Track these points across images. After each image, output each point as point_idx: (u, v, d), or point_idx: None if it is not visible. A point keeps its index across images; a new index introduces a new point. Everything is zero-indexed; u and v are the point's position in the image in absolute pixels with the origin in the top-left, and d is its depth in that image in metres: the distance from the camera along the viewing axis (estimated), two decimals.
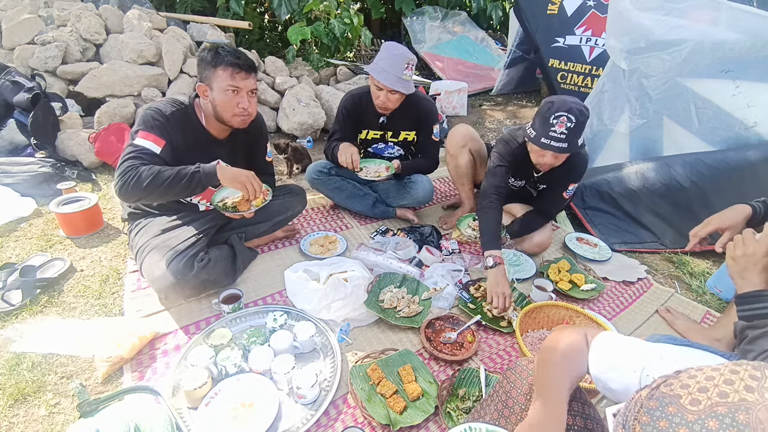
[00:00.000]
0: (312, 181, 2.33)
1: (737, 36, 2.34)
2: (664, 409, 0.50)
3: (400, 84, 1.99)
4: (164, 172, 1.45)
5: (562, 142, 1.70)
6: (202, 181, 1.48)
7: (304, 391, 1.27)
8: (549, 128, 1.70)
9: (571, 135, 1.69)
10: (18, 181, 2.30)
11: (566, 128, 1.67)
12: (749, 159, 2.40)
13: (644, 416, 0.51)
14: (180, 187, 1.47)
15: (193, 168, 1.48)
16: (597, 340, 0.84)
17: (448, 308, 1.78)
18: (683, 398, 0.49)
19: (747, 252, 1.18)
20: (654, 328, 1.78)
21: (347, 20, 4.40)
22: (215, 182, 1.50)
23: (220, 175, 1.49)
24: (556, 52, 4.28)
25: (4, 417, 1.23)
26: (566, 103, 1.69)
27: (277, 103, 3.71)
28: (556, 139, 1.70)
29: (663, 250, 2.35)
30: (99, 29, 3.49)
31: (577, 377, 0.83)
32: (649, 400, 0.52)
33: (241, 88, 1.58)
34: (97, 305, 1.66)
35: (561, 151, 1.73)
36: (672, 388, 0.51)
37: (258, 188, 1.55)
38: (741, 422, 0.44)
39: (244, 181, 1.52)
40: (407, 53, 1.99)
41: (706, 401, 0.47)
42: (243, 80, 1.58)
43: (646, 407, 0.52)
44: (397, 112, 2.19)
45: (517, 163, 1.98)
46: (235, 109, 1.60)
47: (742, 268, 1.19)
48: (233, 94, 1.57)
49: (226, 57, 1.54)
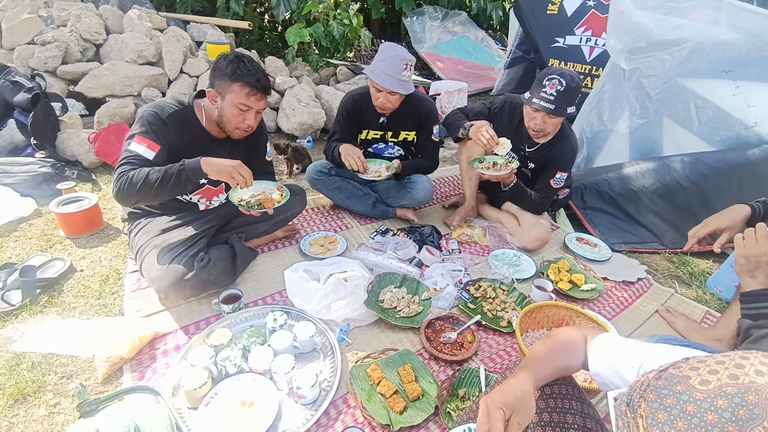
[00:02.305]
0: (312, 181, 2.33)
1: (737, 36, 2.34)
2: (672, 388, 0.50)
3: (399, 85, 1.99)
4: (152, 173, 1.45)
5: (550, 104, 1.86)
6: (189, 177, 1.47)
7: (304, 391, 1.27)
8: (540, 89, 1.88)
9: (559, 98, 1.85)
10: (18, 181, 2.30)
11: (556, 90, 1.84)
12: (749, 159, 2.40)
13: (651, 394, 0.51)
14: (170, 186, 1.46)
15: (177, 166, 1.47)
16: (597, 339, 0.85)
17: (448, 308, 1.78)
18: (692, 379, 0.49)
19: (760, 250, 1.16)
20: (654, 328, 1.78)
21: (346, 21, 4.40)
22: (202, 176, 1.48)
23: (205, 168, 1.47)
24: (556, 52, 4.28)
25: (4, 417, 1.23)
26: (560, 69, 1.89)
27: (277, 103, 3.71)
28: (545, 99, 1.87)
29: (663, 250, 2.35)
30: (99, 29, 3.49)
31: (564, 368, 0.85)
32: (656, 380, 0.53)
33: (252, 108, 1.59)
34: (97, 305, 1.66)
35: (548, 111, 1.88)
36: (681, 370, 0.52)
37: (247, 176, 1.50)
38: (750, 402, 0.44)
39: (230, 171, 1.48)
40: (405, 54, 1.99)
41: (716, 382, 0.47)
42: (256, 102, 1.58)
43: (653, 386, 0.52)
44: (397, 113, 2.19)
45: (512, 129, 2.13)
46: (240, 124, 1.61)
47: (753, 266, 1.17)
48: (243, 111, 1.58)
49: (246, 76, 1.52)
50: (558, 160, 2.12)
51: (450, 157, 3.61)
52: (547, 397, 0.89)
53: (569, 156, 2.13)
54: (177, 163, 1.48)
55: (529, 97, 1.94)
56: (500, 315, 1.73)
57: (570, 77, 1.85)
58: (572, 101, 1.90)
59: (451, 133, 2.26)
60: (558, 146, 2.11)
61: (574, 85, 1.86)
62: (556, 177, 2.14)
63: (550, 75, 1.87)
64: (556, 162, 2.12)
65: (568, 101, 1.88)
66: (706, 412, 0.45)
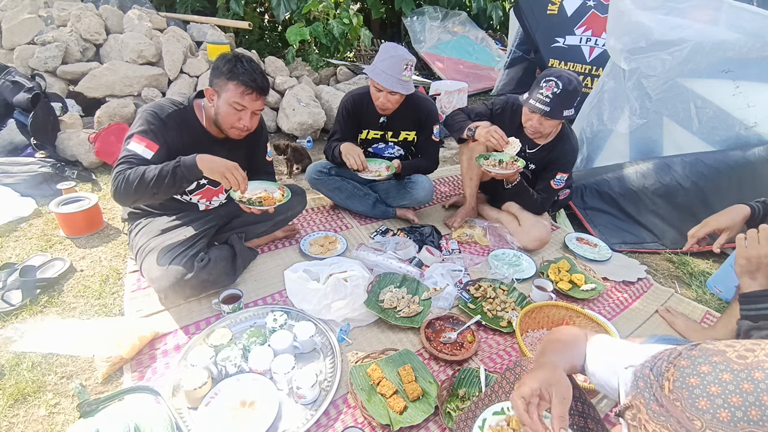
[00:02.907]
0: (312, 181, 2.33)
1: (737, 36, 2.34)
2: (708, 358, 0.50)
3: (400, 85, 1.99)
4: (149, 171, 1.44)
5: (546, 105, 1.86)
6: (185, 174, 1.46)
7: (304, 391, 1.27)
8: (537, 91, 1.89)
9: (555, 100, 1.84)
10: (18, 181, 2.30)
11: (552, 93, 1.84)
12: (749, 159, 2.40)
13: (684, 361, 0.51)
14: (166, 184, 1.45)
15: (173, 163, 1.45)
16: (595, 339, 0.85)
17: (448, 308, 1.78)
18: (729, 353, 0.50)
19: (762, 252, 1.15)
20: (654, 328, 1.78)
21: (346, 21, 4.40)
22: (198, 174, 1.47)
23: (201, 165, 1.46)
24: (556, 52, 4.28)
25: (4, 417, 1.23)
26: (559, 71, 1.87)
27: (277, 103, 3.71)
28: (541, 101, 1.87)
29: (663, 250, 2.35)
30: (99, 29, 3.49)
31: (570, 364, 0.85)
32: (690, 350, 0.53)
33: (247, 108, 1.58)
34: (97, 305, 1.66)
35: (542, 113, 1.88)
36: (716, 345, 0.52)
37: (240, 179, 1.49)
38: None
39: (224, 172, 1.47)
40: (406, 54, 1.99)
41: (753, 358, 0.48)
42: (251, 101, 1.57)
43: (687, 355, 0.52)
44: (398, 112, 2.19)
45: (514, 130, 2.13)
46: (235, 123, 1.60)
47: (754, 267, 1.16)
48: (238, 110, 1.57)
49: (242, 75, 1.52)
50: (559, 161, 2.13)
51: (450, 157, 3.61)
52: None
53: (570, 157, 2.14)
54: (173, 161, 1.47)
55: (527, 98, 1.95)
56: (500, 315, 1.73)
57: (568, 80, 1.84)
58: (569, 104, 1.89)
59: (454, 133, 2.25)
60: (559, 147, 2.12)
61: (572, 89, 1.84)
62: (557, 178, 2.15)
63: (548, 77, 1.87)
64: (556, 163, 2.13)
65: (565, 104, 1.88)
66: (742, 381, 0.46)
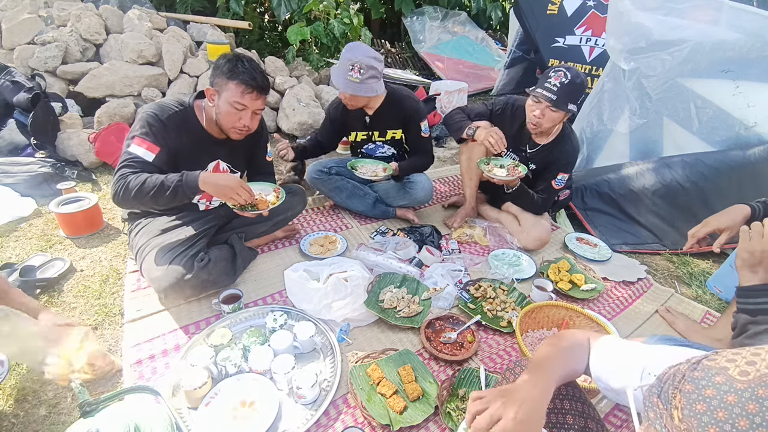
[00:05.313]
0: (312, 180, 2.33)
1: (737, 36, 2.34)
2: (710, 379, 0.49)
3: (347, 85, 2.00)
4: (149, 182, 1.43)
5: (552, 93, 1.89)
6: (186, 193, 1.45)
7: (304, 391, 1.27)
8: (546, 80, 1.92)
9: (562, 89, 1.88)
10: (18, 181, 2.30)
11: (560, 82, 1.88)
12: (749, 159, 2.40)
13: (688, 385, 0.51)
14: (166, 198, 1.44)
15: (176, 180, 1.44)
16: (599, 342, 0.84)
17: (448, 308, 1.78)
18: (731, 370, 0.49)
19: (766, 246, 1.15)
20: (654, 329, 1.78)
21: (347, 20, 4.41)
22: (199, 193, 1.46)
23: (203, 187, 1.44)
24: (556, 52, 4.28)
25: (4, 417, 1.22)
26: (568, 66, 1.93)
27: (277, 103, 3.71)
28: (548, 89, 1.90)
29: (664, 251, 2.35)
30: (99, 29, 3.49)
31: (571, 372, 0.84)
32: (692, 371, 0.52)
33: (248, 107, 1.58)
34: (97, 305, 1.66)
35: (548, 101, 1.91)
36: (717, 362, 0.51)
37: (248, 196, 1.49)
38: None
39: (229, 193, 1.46)
40: (355, 56, 1.96)
41: (755, 372, 0.47)
42: (252, 101, 1.57)
43: (690, 377, 0.51)
44: (380, 111, 2.21)
45: (514, 130, 2.16)
46: (236, 123, 1.60)
47: (756, 261, 1.16)
48: (238, 110, 1.57)
49: (242, 74, 1.51)
50: (559, 161, 2.13)
51: (450, 157, 3.61)
52: None
53: (570, 157, 2.14)
54: (176, 174, 1.45)
55: (533, 88, 1.98)
56: (500, 315, 1.73)
57: (576, 73, 1.89)
58: (575, 98, 1.92)
59: (453, 133, 2.25)
60: (559, 147, 2.12)
61: (579, 81, 1.89)
62: (558, 178, 2.15)
63: (557, 69, 1.91)
64: (557, 163, 2.13)
65: (571, 96, 1.90)
66: (747, 402, 0.45)
